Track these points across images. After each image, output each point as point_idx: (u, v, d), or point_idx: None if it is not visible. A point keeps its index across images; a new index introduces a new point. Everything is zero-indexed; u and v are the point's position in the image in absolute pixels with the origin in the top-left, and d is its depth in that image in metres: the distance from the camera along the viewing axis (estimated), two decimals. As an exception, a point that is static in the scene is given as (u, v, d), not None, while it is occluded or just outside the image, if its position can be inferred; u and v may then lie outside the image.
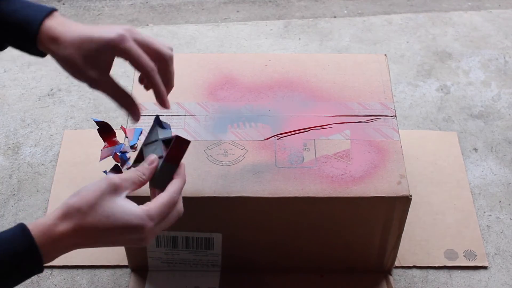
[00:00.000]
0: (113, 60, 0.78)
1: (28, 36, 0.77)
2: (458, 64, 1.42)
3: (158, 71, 0.79)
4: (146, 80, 0.80)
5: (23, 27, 0.77)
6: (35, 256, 0.69)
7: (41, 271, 0.70)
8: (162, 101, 0.81)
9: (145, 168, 0.78)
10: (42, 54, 0.80)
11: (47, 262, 0.71)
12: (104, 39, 0.76)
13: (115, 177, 0.74)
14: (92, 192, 0.72)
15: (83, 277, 1.07)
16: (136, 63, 0.77)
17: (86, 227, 0.71)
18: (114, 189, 0.73)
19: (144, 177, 0.77)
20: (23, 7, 0.78)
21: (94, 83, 0.78)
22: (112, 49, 0.76)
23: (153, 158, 0.79)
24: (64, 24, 0.77)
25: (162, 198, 0.75)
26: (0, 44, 0.80)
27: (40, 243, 0.70)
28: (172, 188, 0.77)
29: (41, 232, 0.70)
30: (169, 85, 0.82)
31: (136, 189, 0.77)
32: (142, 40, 0.78)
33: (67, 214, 0.71)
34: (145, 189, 0.82)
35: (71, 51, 0.76)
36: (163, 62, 0.80)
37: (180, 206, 0.78)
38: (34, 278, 1.06)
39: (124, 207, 0.73)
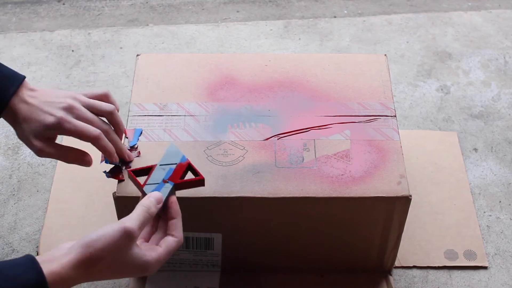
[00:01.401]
0: (56, 135, 0.90)
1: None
2: (458, 64, 1.42)
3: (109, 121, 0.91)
4: (95, 146, 0.89)
5: None
6: None
7: None
8: (119, 155, 0.92)
9: (154, 207, 0.81)
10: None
11: None
12: (45, 124, 0.86)
13: (131, 227, 0.76)
14: (109, 245, 0.74)
15: (83, 277, 1.07)
16: (79, 137, 0.88)
17: (98, 272, 0.74)
18: (130, 240, 0.76)
19: (152, 213, 0.80)
20: None
21: (40, 152, 0.88)
22: (53, 130, 0.87)
23: (159, 197, 0.82)
24: (24, 101, 0.87)
25: (171, 246, 0.80)
26: None
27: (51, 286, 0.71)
28: (178, 233, 0.82)
29: (53, 280, 0.71)
30: (119, 131, 0.93)
31: (145, 224, 0.80)
32: (85, 106, 0.90)
33: (82, 264, 0.73)
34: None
35: (22, 128, 0.87)
36: (106, 116, 0.91)
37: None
38: (34, 278, 1.06)
39: (140, 257, 0.76)
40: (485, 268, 1.09)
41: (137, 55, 1.09)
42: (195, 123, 1.00)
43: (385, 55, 1.11)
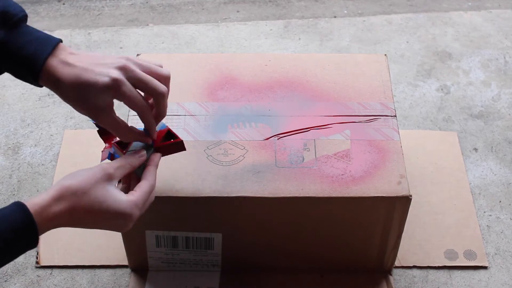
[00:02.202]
0: (111, 101, 0.80)
1: (31, 75, 0.79)
2: (458, 64, 1.42)
3: (152, 104, 0.84)
4: (139, 116, 0.84)
5: (27, 65, 0.78)
6: (33, 232, 0.73)
7: (35, 246, 0.74)
8: (149, 137, 0.87)
9: (135, 158, 0.84)
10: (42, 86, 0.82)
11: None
12: (99, 85, 0.78)
13: (108, 167, 0.80)
14: (86, 178, 0.78)
15: (83, 277, 1.07)
16: (129, 105, 0.81)
17: (79, 210, 0.76)
18: (107, 178, 0.79)
19: (133, 166, 0.83)
20: (30, 40, 0.78)
21: (97, 120, 0.82)
22: (107, 93, 0.79)
23: (143, 152, 0.85)
24: (66, 63, 0.79)
25: (144, 187, 0.82)
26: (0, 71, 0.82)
27: (36, 220, 0.73)
28: (151, 176, 0.83)
29: (36, 211, 0.73)
30: (160, 117, 0.86)
31: (124, 175, 0.82)
32: (138, 79, 0.80)
33: (62, 195, 0.75)
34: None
35: (69, 95, 0.79)
36: (156, 97, 0.83)
37: (154, 193, 0.84)
38: (34, 278, 1.06)
39: (115, 196, 0.78)
40: (485, 268, 1.09)
41: (137, 55, 1.09)
42: (195, 123, 1.00)
43: (385, 55, 1.11)
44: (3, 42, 0.77)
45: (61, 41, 0.80)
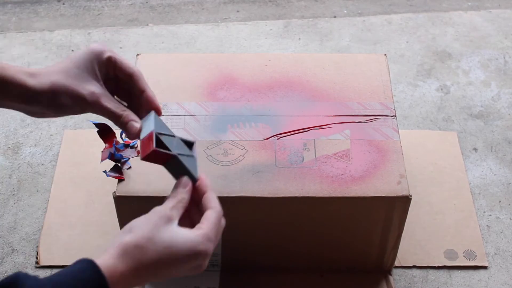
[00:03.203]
0: (101, 72, 0.77)
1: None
2: (458, 64, 1.42)
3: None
4: (132, 85, 0.78)
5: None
6: None
7: None
8: (157, 106, 0.79)
9: (184, 193, 0.75)
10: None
11: None
12: (87, 50, 0.76)
13: (163, 209, 0.72)
14: (145, 226, 0.70)
15: (83, 277, 1.07)
16: (122, 65, 0.77)
17: (147, 263, 0.68)
18: (166, 220, 0.71)
19: (185, 201, 0.75)
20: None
21: (99, 98, 0.76)
22: (98, 56, 0.76)
23: (186, 182, 0.76)
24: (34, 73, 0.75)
25: (211, 217, 0.74)
26: None
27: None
28: (213, 203, 0.76)
29: (105, 274, 0.66)
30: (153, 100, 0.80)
31: (180, 214, 0.74)
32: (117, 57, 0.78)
33: (125, 252, 0.68)
34: (155, 190, 0.82)
35: (56, 76, 0.74)
36: (136, 75, 0.79)
37: (223, 218, 0.77)
38: (34, 278, 1.06)
39: (182, 235, 0.71)
40: (485, 268, 1.09)
41: (137, 54, 1.09)
42: (195, 123, 1.00)
43: (385, 55, 1.11)
44: None
45: None
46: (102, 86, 0.77)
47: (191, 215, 0.76)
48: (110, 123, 0.95)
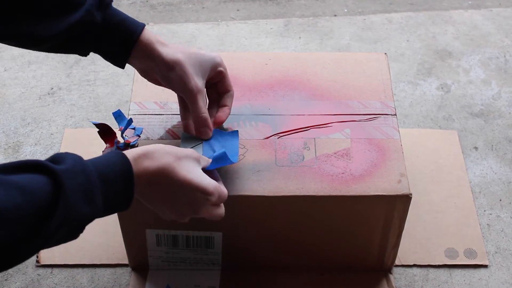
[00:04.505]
0: (209, 76, 0.92)
1: (126, 49, 0.88)
2: (459, 63, 1.42)
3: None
4: (222, 99, 0.95)
5: (122, 40, 0.87)
6: (130, 181, 0.75)
7: (130, 201, 0.76)
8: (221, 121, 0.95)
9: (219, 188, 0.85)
10: (123, 65, 0.90)
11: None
12: (210, 55, 0.91)
13: (197, 154, 0.83)
14: (180, 150, 0.80)
15: (84, 276, 1.07)
16: (226, 82, 0.94)
17: (167, 171, 0.77)
18: (196, 159, 0.82)
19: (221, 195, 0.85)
20: (122, 19, 0.88)
21: (199, 92, 0.89)
22: (215, 64, 0.91)
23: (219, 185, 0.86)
24: (160, 41, 0.90)
25: (225, 191, 0.85)
26: (85, 51, 0.89)
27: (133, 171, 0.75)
28: (224, 189, 0.86)
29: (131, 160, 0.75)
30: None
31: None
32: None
33: (154, 152, 0.78)
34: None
35: (179, 56, 0.88)
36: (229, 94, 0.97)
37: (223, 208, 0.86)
38: (35, 277, 1.06)
39: (201, 173, 0.81)
40: (485, 266, 1.09)
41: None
42: (195, 122, 1.00)
43: (385, 53, 1.11)
44: (100, 22, 0.85)
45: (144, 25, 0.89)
46: (204, 84, 0.90)
47: None
48: (110, 123, 0.95)
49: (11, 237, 0.63)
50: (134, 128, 0.98)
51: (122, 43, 0.87)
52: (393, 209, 0.95)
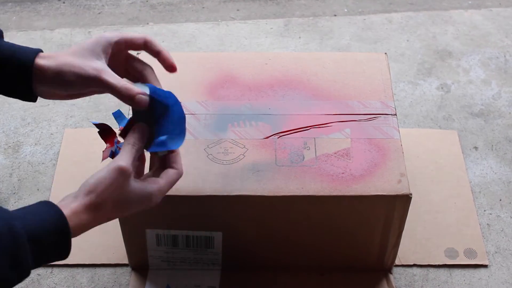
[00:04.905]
0: (107, 54, 0.82)
1: (25, 74, 0.79)
2: (459, 63, 1.42)
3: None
4: (149, 51, 0.85)
5: (18, 69, 0.79)
6: (67, 243, 0.73)
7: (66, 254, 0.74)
8: (173, 64, 0.86)
9: (137, 139, 0.81)
10: (32, 96, 0.82)
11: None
12: (95, 38, 0.82)
13: (124, 164, 0.77)
14: (108, 187, 0.76)
15: (84, 276, 1.07)
16: (133, 39, 0.83)
17: (107, 216, 0.77)
18: (126, 177, 0.77)
19: (139, 149, 0.80)
20: (13, 51, 0.80)
21: (96, 71, 0.80)
22: (107, 40, 0.82)
23: (142, 130, 0.82)
24: (57, 54, 0.81)
25: (172, 177, 0.81)
26: None
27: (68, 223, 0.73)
28: (179, 166, 0.83)
29: (70, 221, 0.73)
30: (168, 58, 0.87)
31: (135, 159, 0.80)
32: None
33: (88, 209, 0.75)
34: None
35: (62, 58, 0.80)
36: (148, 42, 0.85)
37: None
38: (35, 277, 1.06)
39: (140, 188, 0.78)
40: (485, 266, 1.09)
41: (137, 53, 1.09)
42: (195, 122, 1.00)
43: (386, 53, 1.11)
44: None
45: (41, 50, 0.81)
46: (105, 64, 0.81)
47: (153, 162, 0.85)
48: (110, 123, 0.95)
49: None
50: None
51: (17, 80, 0.79)
52: (393, 209, 0.95)
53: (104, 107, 1.31)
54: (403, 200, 0.94)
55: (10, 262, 0.66)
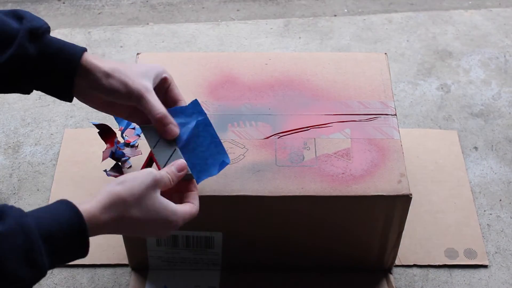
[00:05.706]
0: (156, 83, 0.84)
1: (68, 75, 0.79)
2: (459, 63, 1.42)
3: None
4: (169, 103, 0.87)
5: (62, 69, 0.79)
6: (85, 241, 0.72)
7: (84, 256, 0.72)
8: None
9: (175, 174, 0.82)
10: (70, 93, 0.82)
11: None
12: (152, 64, 0.85)
13: (157, 174, 0.79)
14: (138, 185, 0.76)
15: (84, 276, 1.07)
16: (175, 90, 0.86)
17: (128, 219, 0.75)
18: (155, 185, 0.78)
19: (173, 182, 0.82)
20: (59, 48, 0.79)
21: (144, 89, 0.81)
22: (160, 71, 0.84)
23: (182, 165, 0.83)
24: (101, 60, 0.82)
25: (191, 210, 0.82)
26: (25, 89, 0.81)
27: (88, 228, 0.72)
28: (197, 203, 0.84)
29: (87, 219, 0.72)
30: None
31: (170, 180, 0.81)
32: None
33: (113, 204, 0.74)
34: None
35: (118, 65, 0.81)
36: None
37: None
38: (35, 277, 1.06)
39: (165, 207, 0.78)
40: (485, 266, 1.09)
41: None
42: (195, 122, 1.00)
43: (386, 53, 1.11)
44: (34, 55, 0.77)
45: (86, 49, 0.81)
46: (152, 87, 0.83)
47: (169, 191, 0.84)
48: (110, 123, 0.95)
49: None
50: (134, 128, 0.98)
51: (62, 74, 0.79)
52: (393, 209, 0.95)
53: (104, 107, 1.31)
54: (403, 200, 0.94)
55: (24, 260, 0.66)
